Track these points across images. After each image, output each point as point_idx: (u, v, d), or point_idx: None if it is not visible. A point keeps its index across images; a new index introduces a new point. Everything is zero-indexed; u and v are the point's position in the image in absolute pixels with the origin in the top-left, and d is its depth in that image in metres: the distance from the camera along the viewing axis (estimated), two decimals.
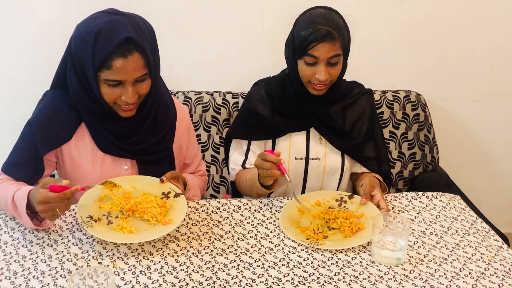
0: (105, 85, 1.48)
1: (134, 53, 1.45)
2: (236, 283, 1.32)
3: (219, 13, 2.32)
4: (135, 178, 1.58)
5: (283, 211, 1.58)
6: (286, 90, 1.82)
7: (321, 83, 1.70)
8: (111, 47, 1.43)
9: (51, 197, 1.34)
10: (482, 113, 2.58)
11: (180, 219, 1.44)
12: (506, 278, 1.34)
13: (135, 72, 1.47)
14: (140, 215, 1.45)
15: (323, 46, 1.65)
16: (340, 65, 1.71)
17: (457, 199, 1.72)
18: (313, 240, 1.46)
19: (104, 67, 1.45)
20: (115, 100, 1.51)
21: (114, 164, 1.64)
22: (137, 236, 1.39)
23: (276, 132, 1.84)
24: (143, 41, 1.48)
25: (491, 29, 2.43)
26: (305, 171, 1.83)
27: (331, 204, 1.64)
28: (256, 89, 1.89)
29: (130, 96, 1.49)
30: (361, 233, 1.49)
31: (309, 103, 1.79)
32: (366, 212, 1.57)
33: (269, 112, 1.83)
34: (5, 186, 1.53)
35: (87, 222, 1.40)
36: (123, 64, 1.44)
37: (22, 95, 2.31)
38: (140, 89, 1.52)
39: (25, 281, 1.30)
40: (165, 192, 1.53)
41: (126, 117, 1.57)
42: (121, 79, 1.47)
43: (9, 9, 2.23)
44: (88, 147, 1.62)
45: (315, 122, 1.81)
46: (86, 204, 1.46)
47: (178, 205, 1.49)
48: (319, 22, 1.66)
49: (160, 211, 1.45)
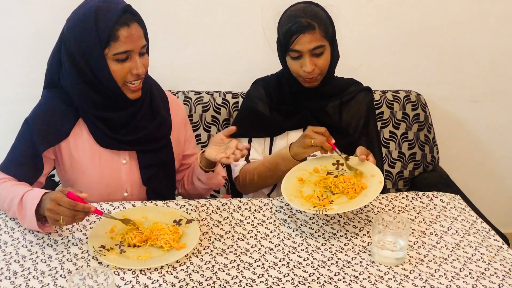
0: (114, 62, 1.51)
1: (134, 22, 1.51)
2: (236, 283, 1.32)
3: (219, 13, 2.32)
4: (146, 209, 1.58)
5: (284, 185, 1.58)
6: (283, 87, 1.84)
7: (310, 75, 1.72)
8: (115, 18, 1.47)
9: (63, 201, 1.34)
10: (482, 113, 2.58)
11: (194, 243, 1.42)
12: (506, 278, 1.34)
13: (140, 41, 1.52)
14: (153, 242, 1.43)
15: (303, 38, 1.68)
16: (327, 56, 1.73)
17: (457, 199, 1.72)
18: (320, 207, 1.48)
19: (111, 40, 1.48)
20: (124, 78, 1.53)
21: (112, 159, 1.65)
22: (153, 260, 1.37)
23: (274, 130, 1.86)
24: (137, 12, 1.54)
25: (491, 29, 2.43)
26: None
27: (328, 169, 1.66)
28: (255, 87, 1.92)
29: (140, 66, 1.52)
30: (365, 192, 1.50)
31: (305, 99, 1.81)
32: (366, 171, 1.59)
33: (268, 110, 1.86)
34: (9, 186, 1.53)
35: (100, 251, 1.38)
36: (129, 32, 1.48)
37: (22, 95, 2.31)
38: (145, 61, 1.56)
39: (25, 281, 1.30)
40: (177, 220, 1.53)
41: (135, 98, 1.58)
42: (129, 49, 1.50)
43: (9, 9, 2.23)
44: (86, 143, 1.62)
45: (311, 119, 1.82)
46: (97, 234, 1.44)
47: (190, 231, 1.48)
48: (298, 15, 1.70)
49: (173, 237, 1.43)
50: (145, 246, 1.42)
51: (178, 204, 1.63)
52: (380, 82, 2.42)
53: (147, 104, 1.66)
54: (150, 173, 1.69)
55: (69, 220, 1.35)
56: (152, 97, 1.68)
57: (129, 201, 1.63)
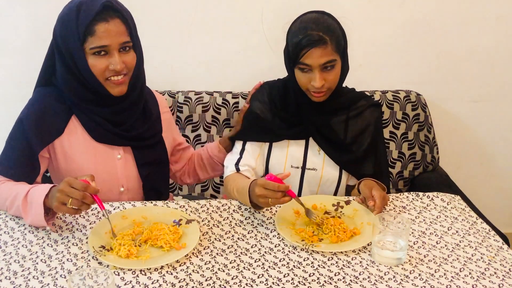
0: (92, 56, 1.52)
1: (115, 18, 1.52)
2: (236, 283, 1.32)
3: (219, 13, 2.32)
4: (146, 209, 1.58)
5: (279, 213, 1.57)
6: (288, 96, 1.77)
7: (318, 90, 1.65)
8: (93, 13, 1.49)
9: (76, 182, 1.37)
10: (482, 113, 2.58)
11: (194, 243, 1.42)
12: (506, 278, 1.34)
13: (118, 37, 1.52)
14: (153, 242, 1.43)
15: (314, 52, 1.59)
16: (337, 70, 1.65)
17: (457, 199, 1.72)
18: (308, 242, 1.46)
19: (88, 34, 1.50)
20: (104, 73, 1.54)
21: (107, 154, 1.66)
22: (153, 260, 1.37)
23: (273, 136, 1.80)
24: (122, 10, 1.54)
25: (491, 29, 2.43)
26: (301, 180, 1.81)
27: (327, 208, 1.63)
28: (260, 91, 1.85)
29: (117, 61, 1.52)
30: (356, 238, 1.48)
31: (310, 111, 1.74)
32: (362, 218, 1.57)
33: (270, 114, 1.79)
34: (11, 185, 1.53)
35: (100, 251, 1.38)
36: (106, 27, 1.50)
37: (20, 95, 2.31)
38: (126, 58, 1.55)
39: (25, 281, 1.29)
40: (177, 220, 1.53)
41: (118, 95, 1.58)
42: (105, 44, 1.51)
43: (8, 9, 2.23)
44: (80, 139, 1.63)
45: (314, 132, 1.76)
46: (97, 234, 1.44)
47: (190, 231, 1.48)
48: (310, 27, 1.61)
49: (173, 237, 1.44)
50: (145, 246, 1.42)
51: (178, 204, 1.63)
52: (380, 82, 2.42)
53: (141, 108, 1.69)
54: (147, 171, 1.71)
55: (77, 203, 1.36)
56: (146, 105, 1.71)
57: (129, 201, 1.63)
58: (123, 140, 1.66)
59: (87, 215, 1.55)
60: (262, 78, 1.94)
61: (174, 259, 1.37)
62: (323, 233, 1.51)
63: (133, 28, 1.58)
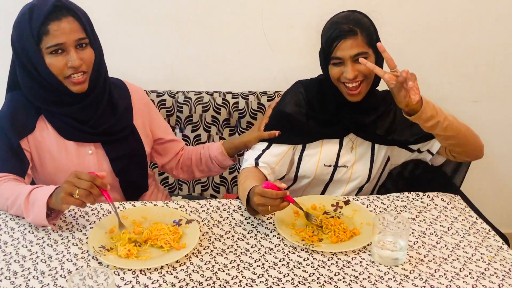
0: (49, 56, 1.54)
1: (68, 16, 1.54)
2: (236, 283, 1.32)
3: (219, 13, 2.32)
4: (146, 209, 1.58)
5: (279, 213, 1.56)
6: (326, 95, 1.76)
7: (351, 82, 1.64)
8: (45, 13, 1.52)
9: (83, 174, 1.39)
10: (482, 113, 2.57)
11: (194, 243, 1.42)
12: (506, 278, 1.34)
13: (73, 34, 1.54)
14: (154, 242, 1.43)
15: (344, 43, 1.61)
16: None
17: (457, 199, 1.73)
18: (308, 242, 1.46)
19: (43, 34, 1.52)
20: (63, 72, 1.56)
21: (78, 151, 1.68)
22: (153, 260, 1.37)
23: (308, 138, 1.79)
24: (74, 7, 1.57)
25: (491, 29, 2.43)
26: (331, 178, 1.82)
27: (326, 208, 1.63)
28: (294, 91, 1.82)
29: (75, 58, 1.54)
30: (356, 238, 1.48)
31: (349, 111, 1.74)
32: (362, 219, 1.57)
33: (304, 117, 1.77)
34: (13, 185, 1.54)
35: (100, 251, 1.38)
36: (59, 26, 1.52)
37: None
38: (84, 55, 1.57)
39: (25, 281, 1.29)
40: (177, 220, 1.53)
41: (79, 92, 1.60)
42: (60, 42, 1.53)
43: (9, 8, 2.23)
44: (51, 136, 1.65)
45: (352, 130, 1.77)
46: (97, 234, 1.44)
47: (190, 231, 1.48)
48: (341, 22, 1.65)
49: (174, 237, 1.44)
50: (145, 246, 1.42)
51: (178, 204, 1.63)
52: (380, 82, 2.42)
53: (106, 103, 1.69)
54: (120, 165, 1.72)
55: (84, 193, 1.37)
56: (111, 97, 1.71)
57: (129, 202, 1.63)
58: (91, 136, 1.67)
59: (87, 215, 1.55)
60: (262, 78, 1.94)
61: (174, 259, 1.37)
62: (323, 233, 1.51)
63: (88, 24, 1.60)
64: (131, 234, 1.44)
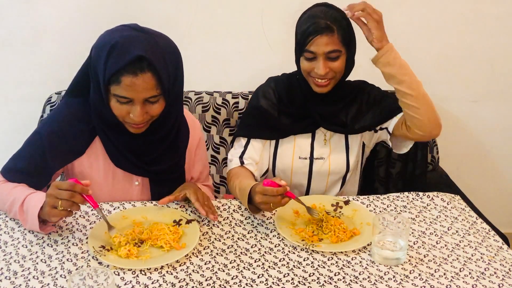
0: (114, 100, 1.46)
1: (146, 73, 1.41)
2: (236, 283, 1.32)
3: (219, 13, 2.32)
4: (146, 209, 1.58)
5: (279, 212, 1.57)
6: (294, 88, 1.80)
7: (321, 78, 1.68)
8: (122, 63, 1.40)
9: (62, 183, 1.34)
10: (482, 113, 2.58)
11: (194, 243, 1.42)
12: (506, 278, 1.34)
13: (145, 92, 1.43)
14: (154, 242, 1.43)
15: (320, 39, 1.63)
16: (342, 61, 1.68)
17: (457, 199, 1.73)
18: (308, 242, 1.46)
19: (113, 82, 1.42)
20: (123, 116, 1.49)
21: (125, 180, 1.64)
22: (153, 260, 1.37)
23: (280, 133, 1.83)
24: (158, 61, 1.43)
25: (491, 29, 2.43)
26: (310, 171, 1.83)
27: (326, 208, 1.63)
28: (265, 86, 1.87)
29: (138, 115, 1.45)
30: (356, 238, 1.49)
31: (316, 103, 1.77)
32: (362, 218, 1.57)
33: (275, 111, 1.82)
34: (10, 188, 1.52)
35: (100, 251, 1.38)
36: (132, 82, 1.41)
37: (22, 95, 2.31)
38: (151, 109, 1.48)
39: (25, 281, 1.29)
40: (177, 220, 1.53)
41: (137, 133, 1.54)
42: (130, 97, 1.43)
43: (9, 8, 2.23)
44: (100, 161, 1.60)
45: (321, 123, 1.79)
46: (97, 234, 1.44)
47: (190, 231, 1.48)
48: (318, 16, 1.66)
49: (173, 237, 1.43)
50: (145, 246, 1.42)
51: (178, 204, 1.63)
52: (380, 82, 2.42)
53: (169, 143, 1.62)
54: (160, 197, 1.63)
55: (67, 204, 1.33)
56: (176, 138, 1.64)
57: (129, 202, 1.63)
58: (143, 171, 1.62)
59: (87, 215, 1.55)
60: (262, 78, 1.94)
61: (174, 259, 1.37)
62: (323, 233, 1.51)
63: (166, 77, 1.47)
64: (122, 237, 1.42)
